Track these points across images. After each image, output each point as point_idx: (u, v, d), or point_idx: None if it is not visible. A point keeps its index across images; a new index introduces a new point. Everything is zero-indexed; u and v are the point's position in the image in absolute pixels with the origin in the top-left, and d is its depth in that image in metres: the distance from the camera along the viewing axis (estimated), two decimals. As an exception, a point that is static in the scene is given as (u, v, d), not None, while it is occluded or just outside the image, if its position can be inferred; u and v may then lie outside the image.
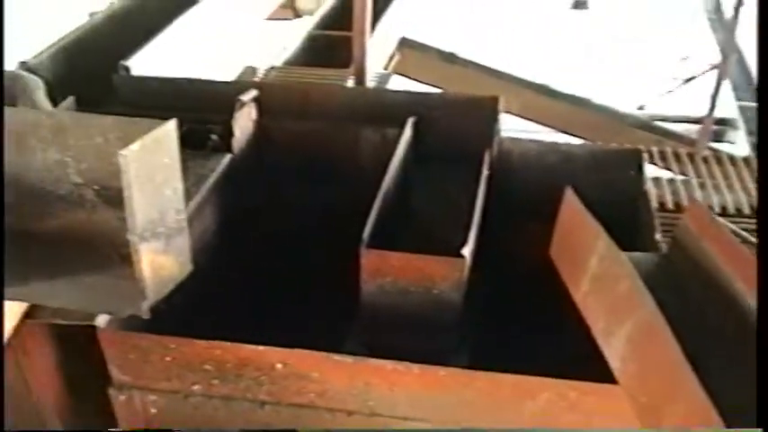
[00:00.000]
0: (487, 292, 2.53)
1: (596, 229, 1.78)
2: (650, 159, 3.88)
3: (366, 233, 2.10)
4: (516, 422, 1.94)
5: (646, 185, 2.62)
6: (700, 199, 3.54)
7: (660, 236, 2.31)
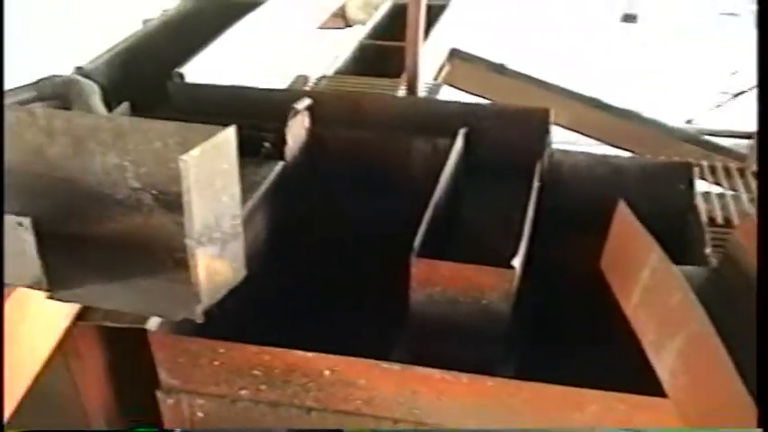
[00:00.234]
0: (536, 303, 2.53)
1: (649, 242, 1.77)
2: (700, 174, 3.84)
3: (416, 242, 2.11)
4: (563, 434, 1.94)
5: (696, 199, 2.60)
6: (751, 214, 3.49)
7: (710, 250, 2.29)
